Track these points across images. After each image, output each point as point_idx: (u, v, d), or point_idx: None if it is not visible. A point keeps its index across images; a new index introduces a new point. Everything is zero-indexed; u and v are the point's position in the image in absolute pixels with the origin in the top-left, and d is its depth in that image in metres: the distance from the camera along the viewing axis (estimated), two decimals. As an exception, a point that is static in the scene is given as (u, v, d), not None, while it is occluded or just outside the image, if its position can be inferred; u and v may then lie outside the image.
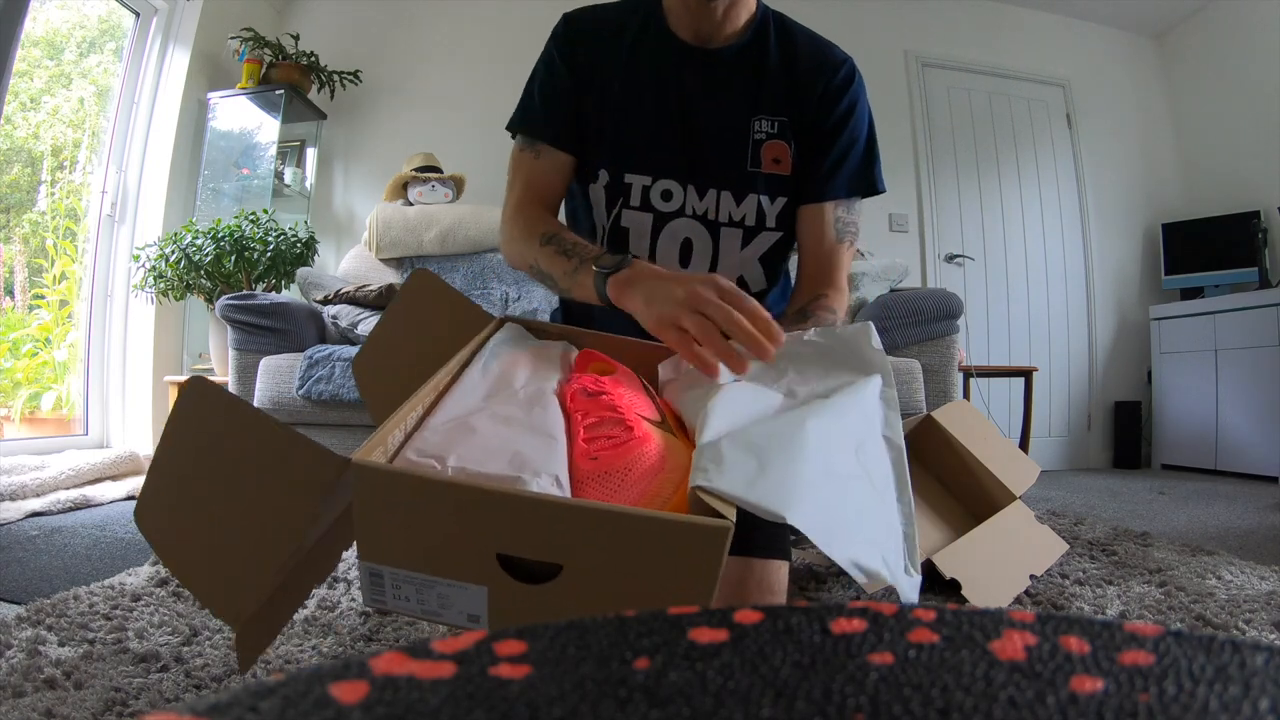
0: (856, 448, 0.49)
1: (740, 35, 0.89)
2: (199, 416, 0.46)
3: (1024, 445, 2.77)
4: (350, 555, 1.40)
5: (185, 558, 0.48)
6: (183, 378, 2.23)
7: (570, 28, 0.93)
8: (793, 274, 1.03)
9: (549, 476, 0.46)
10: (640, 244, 0.91)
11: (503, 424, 0.50)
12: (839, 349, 0.58)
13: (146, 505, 0.48)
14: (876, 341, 0.58)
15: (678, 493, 0.50)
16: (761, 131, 0.89)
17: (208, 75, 2.79)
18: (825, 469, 0.45)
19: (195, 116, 2.75)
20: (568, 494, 0.46)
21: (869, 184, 0.93)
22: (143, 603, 1.03)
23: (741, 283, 0.94)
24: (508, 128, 0.95)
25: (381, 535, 0.43)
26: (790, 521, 0.40)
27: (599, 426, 0.54)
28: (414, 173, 2.67)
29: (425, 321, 0.68)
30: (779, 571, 0.86)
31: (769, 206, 0.91)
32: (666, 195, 0.91)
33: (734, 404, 0.51)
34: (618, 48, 0.91)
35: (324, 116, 3.00)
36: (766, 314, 0.57)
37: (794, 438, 0.46)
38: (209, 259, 2.23)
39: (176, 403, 0.47)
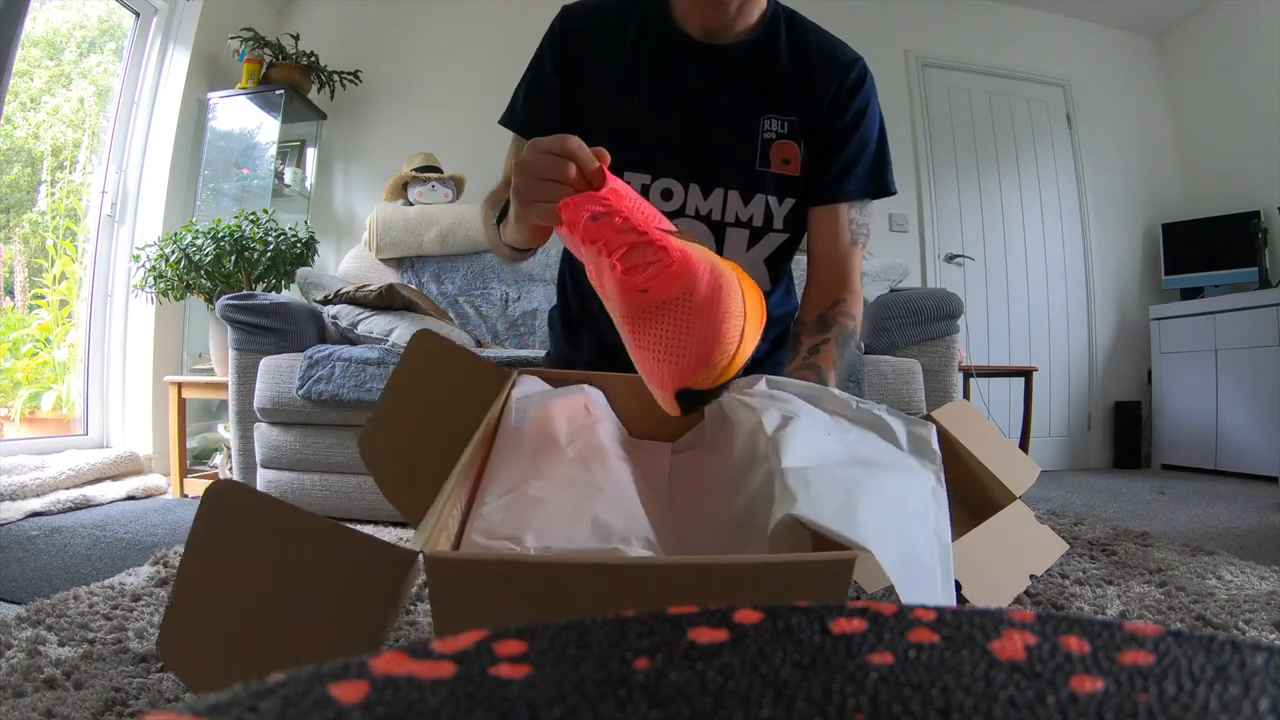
0: (918, 516, 0.48)
1: (751, 32, 0.86)
2: (230, 525, 0.39)
3: (1024, 445, 2.77)
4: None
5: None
6: (183, 378, 2.23)
7: (566, 22, 0.90)
8: (796, 274, 1.03)
9: (640, 540, 0.43)
10: None
11: (567, 488, 0.47)
12: (901, 427, 0.57)
13: (170, 635, 0.39)
14: (936, 443, 0.57)
15: (747, 308, 0.47)
16: (771, 131, 0.87)
17: (208, 75, 2.79)
18: (902, 519, 0.44)
19: (195, 116, 2.75)
20: (661, 552, 0.43)
21: (881, 185, 0.91)
22: (143, 603, 1.03)
23: None
24: (500, 121, 0.95)
25: (466, 627, 0.40)
26: (879, 559, 0.39)
27: (631, 254, 0.49)
28: (414, 173, 2.67)
29: (433, 384, 0.65)
30: None
31: (777, 207, 0.89)
32: (666, 194, 0.89)
33: (809, 438, 0.49)
34: (617, 42, 0.88)
35: (324, 116, 3.00)
36: (566, 141, 0.56)
37: (874, 486, 0.44)
38: (209, 259, 2.23)
39: (199, 513, 0.39)
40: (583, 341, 1.01)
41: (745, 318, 0.47)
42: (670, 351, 0.46)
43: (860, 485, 0.43)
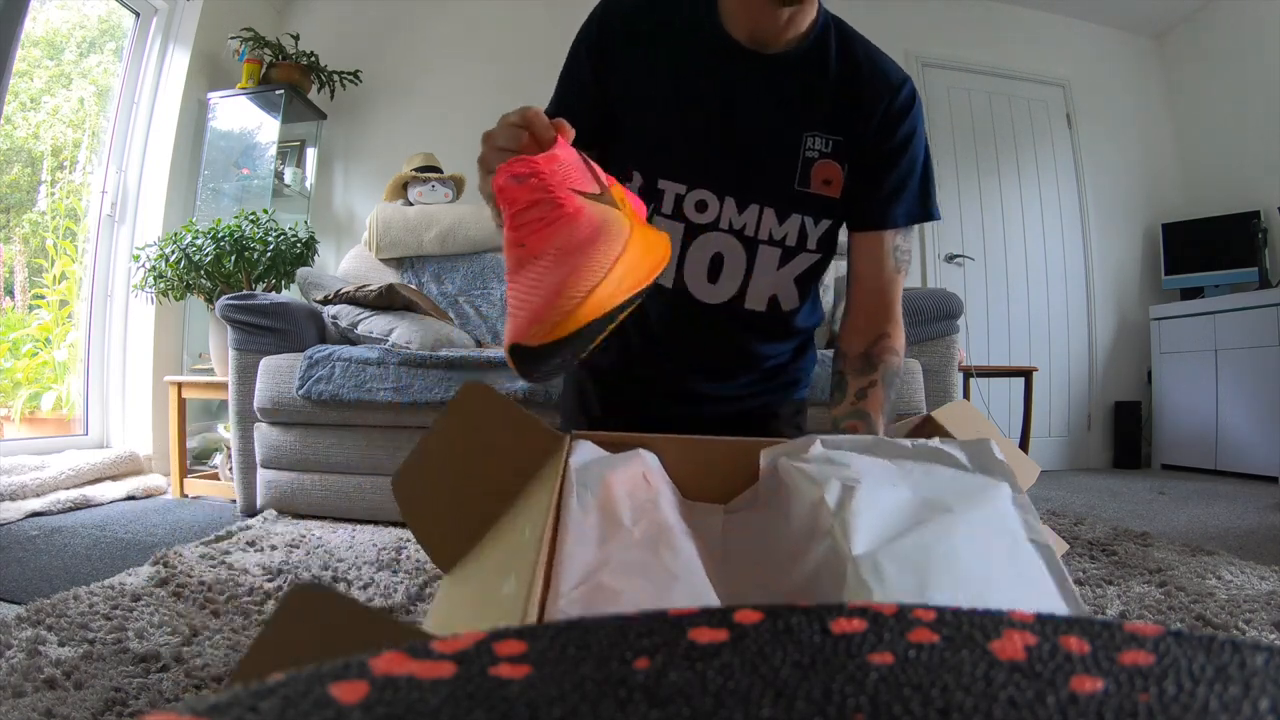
0: (1009, 554, 0.46)
1: (800, 40, 0.82)
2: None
3: (1024, 445, 2.77)
4: (349, 556, 1.40)
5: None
6: (183, 378, 2.23)
7: (607, 13, 0.85)
8: (821, 292, 1.01)
9: None
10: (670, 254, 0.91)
11: (638, 576, 0.45)
12: (963, 456, 0.56)
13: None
14: (999, 452, 0.56)
15: (618, 263, 0.45)
16: (815, 150, 0.83)
17: (208, 75, 2.79)
18: (984, 580, 0.43)
19: (195, 116, 2.75)
20: None
21: (926, 211, 0.88)
22: (143, 603, 1.03)
23: (774, 301, 0.89)
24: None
25: None
26: None
27: (527, 211, 0.48)
28: (414, 173, 2.67)
29: (479, 439, 0.63)
30: None
31: (812, 228, 0.85)
32: (701, 206, 0.85)
33: (876, 508, 0.48)
34: (661, 40, 0.83)
35: (324, 116, 3.00)
36: (525, 111, 0.56)
37: (948, 550, 0.43)
38: (209, 259, 2.23)
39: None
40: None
41: (608, 276, 0.45)
42: (519, 306, 0.45)
43: (932, 557, 0.42)
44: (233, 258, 2.25)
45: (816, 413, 1.70)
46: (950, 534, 0.44)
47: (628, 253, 0.47)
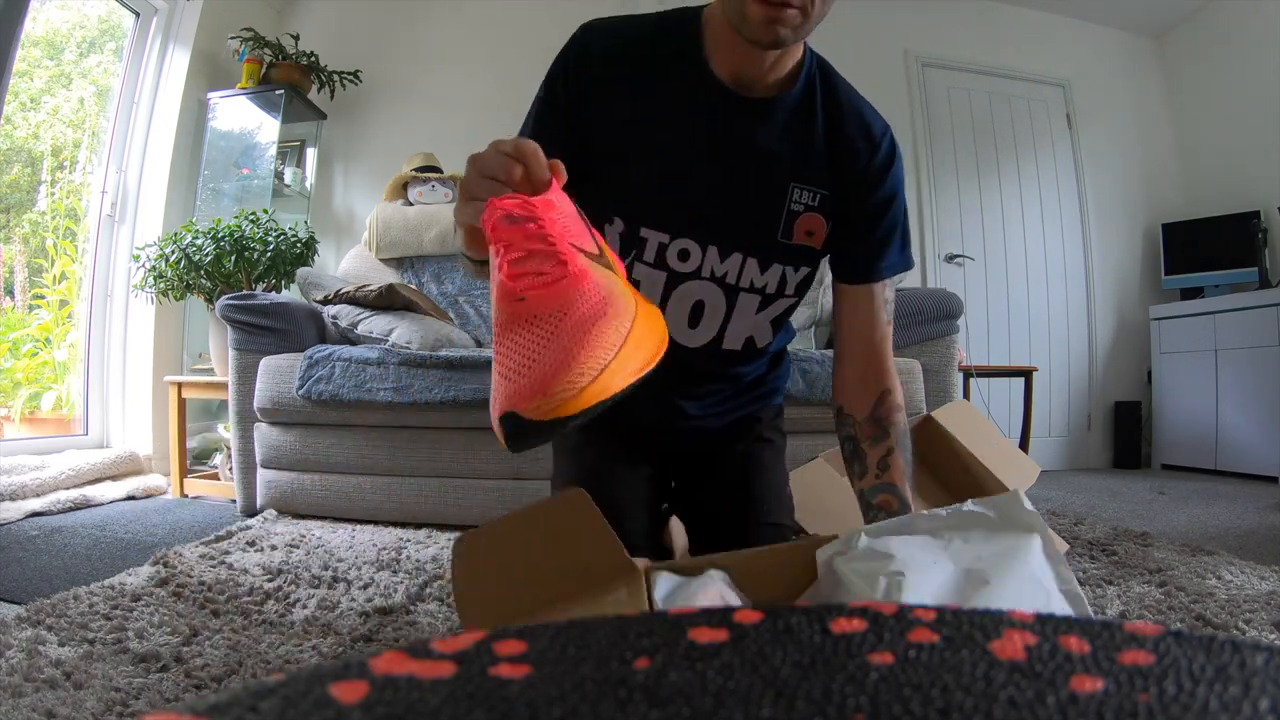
0: (1044, 610, 0.51)
1: (786, 86, 0.79)
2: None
3: (1024, 445, 2.77)
4: (349, 556, 1.40)
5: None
6: (183, 378, 2.23)
7: (588, 42, 0.80)
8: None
9: None
10: (650, 300, 0.89)
11: None
12: (995, 513, 0.59)
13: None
14: (1028, 504, 0.59)
15: (626, 343, 0.43)
16: (800, 203, 0.82)
17: (208, 75, 2.78)
18: None
19: (195, 116, 2.75)
20: None
21: (907, 260, 0.88)
22: (143, 603, 1.03)
23: (750, 340, 0.89)
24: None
25: None
26: None
27: (526, 261, 0.45)
28: (414, 173, 2.67)
29: (557, 536, 0.65)
30: None
31: (792, 275, 0.85)
32: (684, 255, 0.83)
33: (921, 594, 0.50)
34: (645, 76, 0.79)
35: (324, 116, 3.00)
36: (523, 144, 0.53)
37: None
38: (209, 259, 2.23)
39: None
40: None
41: (617, 356, 0.42)
42: (517, 369, 0.41)
43: None
44: (233, 258, 2.25)
45: (807, 412, 1.71)
46: (990, 606, 0.49)
47: (634, 332, 0.45)
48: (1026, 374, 2.84)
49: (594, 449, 0.91)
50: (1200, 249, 3.34)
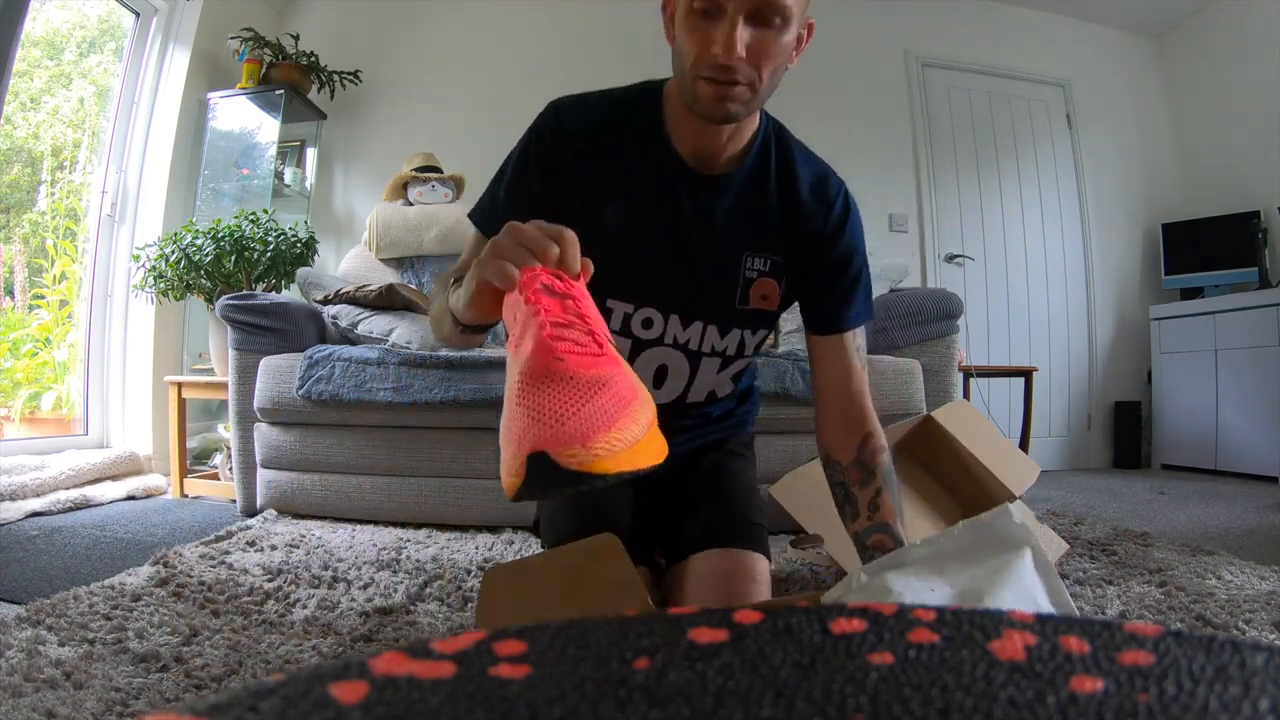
0: None
1: (741, 160, 0.84)
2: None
3: (1024, 445, 2.77)
4: (349, 556, 1.40)
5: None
6: (183, 378, 2.23)
7: (559, 123, 0.84)
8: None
9: None
10: None
11: None
12: (986, 533, 0.61)
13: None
14: (1019, 517, 0.60)
15: (648, 432, 0.45)
16: (754, 270, 0.87)
17: (208, 75, 2.78)
18: None
19: (195, 116, 2.75)
20: None
21: (870, 311, 0.91)
22: (143, 603, 1.03)
23: (712, 394, 0.95)
24: (469, 216, 0.88)
25: None
26: None
27: (566, 329, 0.47)
28: (414, 173, 2.67)
29: (584, 580, 0.66)
30: (761, 563, 0.90)
31: (750, 338, 0.91)
32: (647, 323, 0.88)
33: None
34: (614, 158, 0.83)
35: (324, 116, 3.00)
36: (565, 232, 0.55)
37: None
38: (209, 259, 2.23)
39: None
40: None
41: (641, 439, 0.44)
42: (552, 417, 0.41)
43: None
44: (233, 258, 2.25)
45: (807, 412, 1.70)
46: None
47: (653, 425, 0.47)
48: (1026, 374, 2.85)
49: None
50: (1200, 249, 3.34)
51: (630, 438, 0.43)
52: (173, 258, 2.24)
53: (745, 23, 0.69)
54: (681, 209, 0.84)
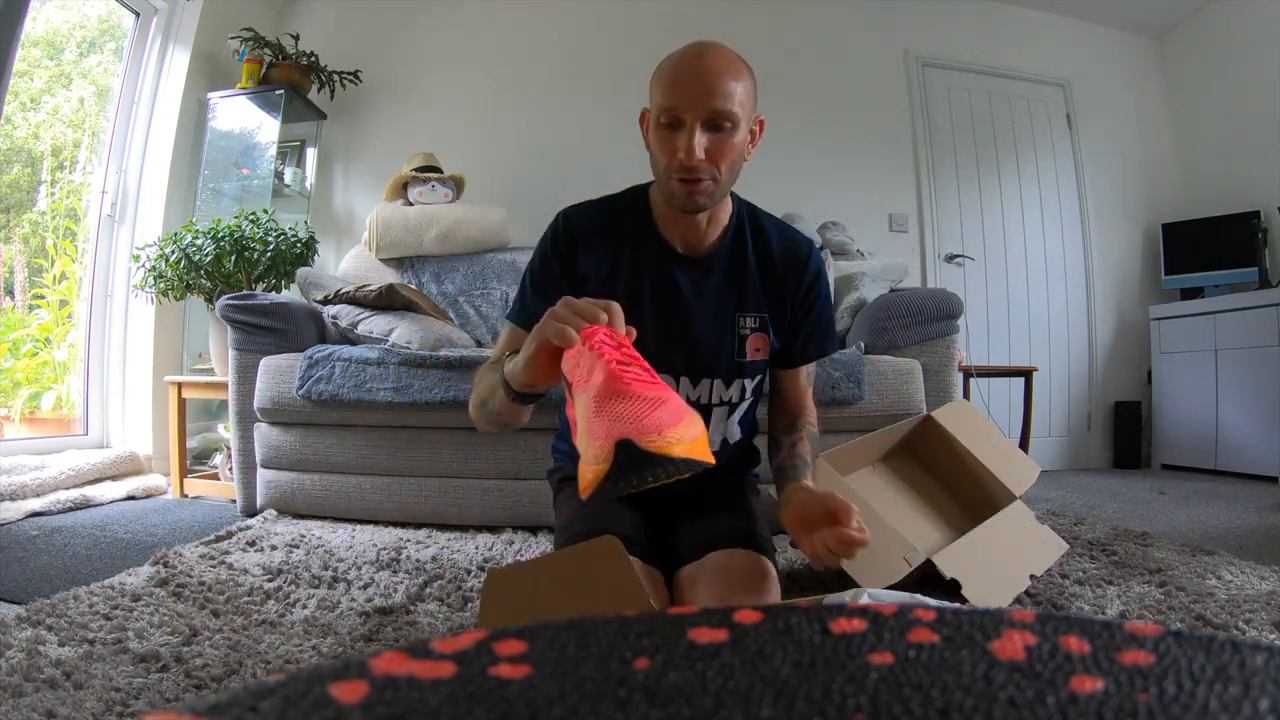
0: None
1: (722, 240, 1.00)
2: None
3: (1024, 445, 2.77)
4: (349, 556, 1.40)
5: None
6: (183, 378, 2.23)
7: (570, 226, 0.99)
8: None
9: None
10: None
11: None
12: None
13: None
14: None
15: (703, 435, 0.56)
16: (746, 328, 1.01)
17: (208, 75, 2.78)
18: None
19: (195, 116, 2.75)
20: None
21: (830, 346, 1.09)
22: (143, 603, 1.03)
23: (724, 441, 1.07)
24: (507, 317, 1.02)
25: None
26: None
27: (628, 366, 0.57)
28: (414, 173, 2.67)
29: (584, 582, 0.68)
30: (770, 565, 0.94)
31: (750, 384, 1.05)
32: None
33: None
34: (617, 252, 0.99)
35: (324, 116, 3.00)
36: (613, 304, 0.68)
37: None
38: (209, 259, 2.22)
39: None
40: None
41: (697, 439, 0.55)
42: (631, 417, 0.53)
43: None
44: (233, 258, 2.25)
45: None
46: None
47: (705, 435, 0.58)
48: (1026, 374, 2.84)
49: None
50: (1200, 249, 3.34)
51: (693, 434, 0.54)
52: (173, 258, 2.24)
53: (702, 130, 0.84)
54: (680, 287, 0.99)
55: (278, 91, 2.73)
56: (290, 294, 2.33)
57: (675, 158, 0.85)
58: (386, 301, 2.02)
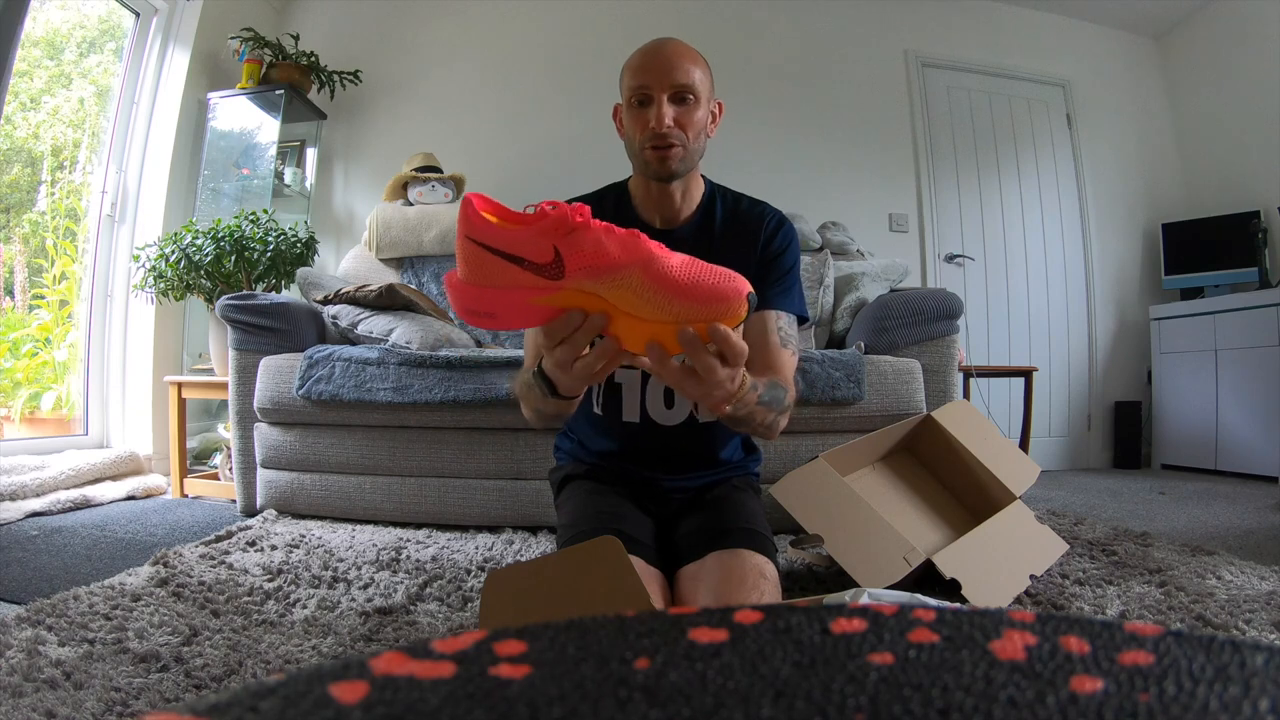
0: None
1: (694, 215, 1.07)
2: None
3: (1024, 445, 2.77)
4: (349, 556, 1.40)
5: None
6: (183, 378, 2.23)
7: None
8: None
9: None
10: (632, 396, 1.08)
11: None
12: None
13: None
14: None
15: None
16: None
17: (208, 75, 2.78)
18: None
19: (195, 116, 2.75)
20: None
21: (799, 308, 1.08)
22: (143, 603, 1.03)
23: (722, 430, 1.10)
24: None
25: None
26: None
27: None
28: (414, 173, 2.67)
29: (586, 583, 0.68)
30: (770, 565, 0.95)
31: None
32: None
33: None
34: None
35: (324, 116, 3.00)
36: None
37: None
38: (209, 259, 2.23)
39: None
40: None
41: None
42: (724, 273, 0.64)
43: None
44: (233, 258, 2.25)
45: (807, 412, 1.71)
46: None
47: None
48: (1026, 374, 2.85)
49: (605, 497, 1.07)
50: (1200, 249, 3.34)
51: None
52: (173, 258, 2.24)
53: (669, 102, 0.96)
54: None
55: (278, 91, 2.74)
56: (290, 294, 2.33)
57: (648, 128, 0.96)
58: (386, 301, 2.02)
